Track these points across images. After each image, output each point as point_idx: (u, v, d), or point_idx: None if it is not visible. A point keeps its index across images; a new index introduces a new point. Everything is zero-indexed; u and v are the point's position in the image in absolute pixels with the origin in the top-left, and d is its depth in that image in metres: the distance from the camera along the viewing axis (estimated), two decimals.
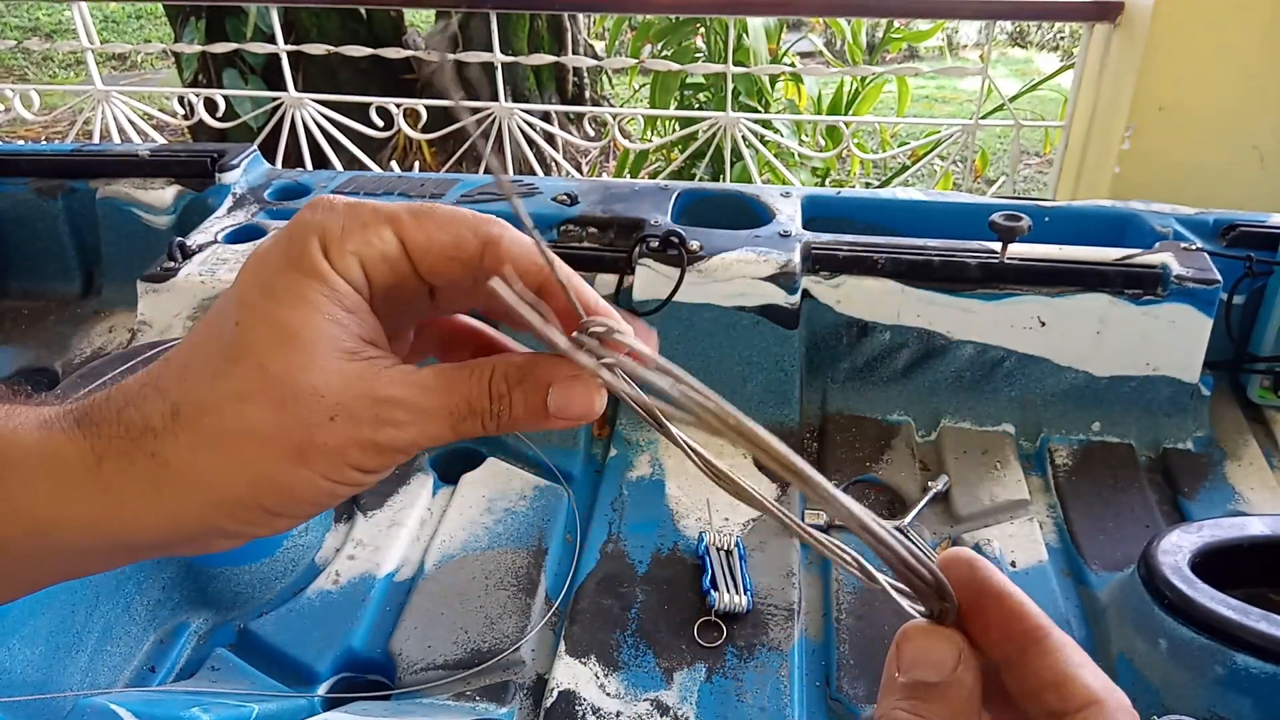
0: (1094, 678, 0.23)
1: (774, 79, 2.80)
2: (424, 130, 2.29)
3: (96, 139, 2.14)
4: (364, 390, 0.23)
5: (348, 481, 0.24)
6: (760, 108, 2.82)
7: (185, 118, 2.21)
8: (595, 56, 3.68)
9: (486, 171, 2.15)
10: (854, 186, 3.38)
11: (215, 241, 1.12)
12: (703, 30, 2.85)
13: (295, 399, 0.23)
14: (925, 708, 0.23)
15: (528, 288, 0.25)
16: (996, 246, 1.03)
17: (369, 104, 2.06)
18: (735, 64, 1.88)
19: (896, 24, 3.33)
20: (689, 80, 2.71)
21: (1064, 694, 0.23)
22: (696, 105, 2.94)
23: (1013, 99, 1.99)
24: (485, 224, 0.25)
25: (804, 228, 1.14)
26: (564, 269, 0.26)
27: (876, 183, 3.46)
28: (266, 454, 0.23)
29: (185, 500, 0.23)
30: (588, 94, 3.82)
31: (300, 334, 0.23)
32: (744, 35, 2.62)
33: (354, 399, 0.23)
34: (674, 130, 2.34)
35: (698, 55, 2.89)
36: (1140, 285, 1.01)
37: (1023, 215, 0.99)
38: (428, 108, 2.16)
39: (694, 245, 1.06)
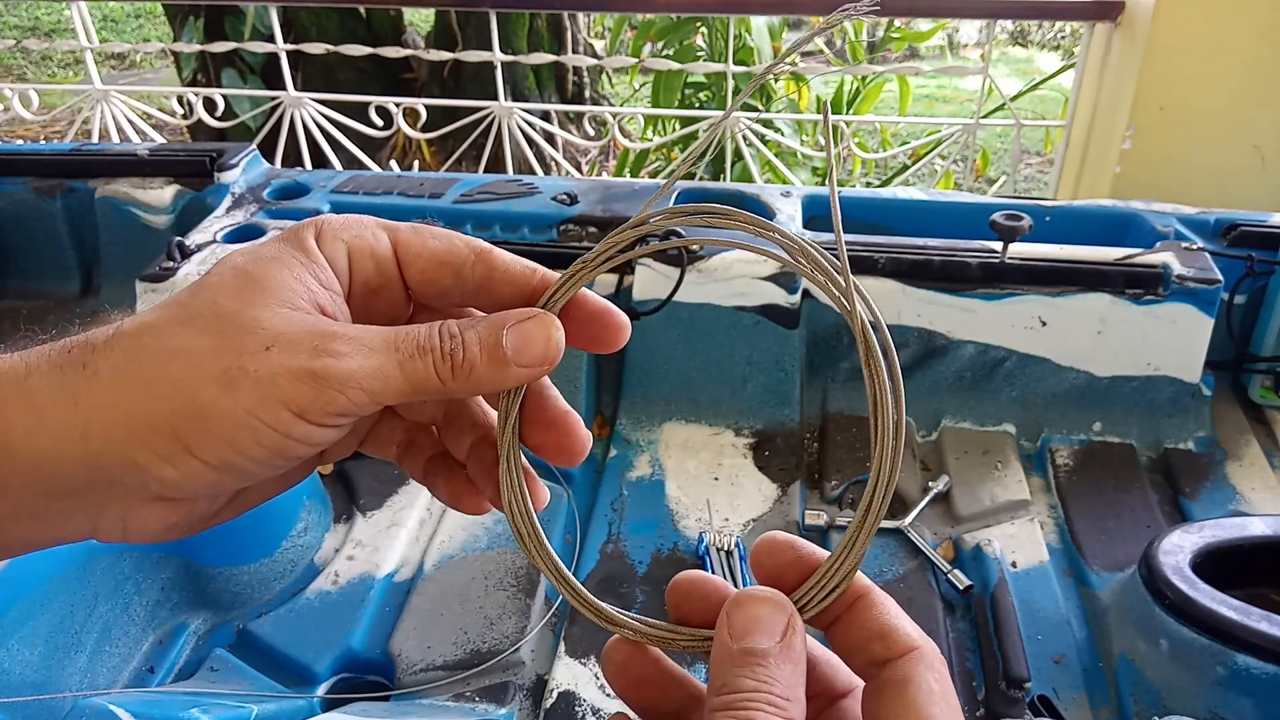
0: (913, 627, 0.25)
1: (775, 78, 2.80)
2: (423, 129, 2.29)
3: (95, 138, 2.14)
4: (306, 327, 0.23)
5: (277, 425, 0.22)
6: (761, 107, 2.82)
7: (184, 117, 2.21)
8: (595, 56, 3.68)
9: (486, 170, 2.15)
10: (855, 186, 3.38)
11: (214, 241, 1.12)
12: (703, 29, 2.85)
13: (236, 327, 0.22)
14: (765, 673, 0.22)
15: (521, 295, 0.26)
16: (997, 246, 1.03)
17: (368, 103, 2.06)
18: (736, 63, 1.88)
19: (897, 23, 3.33)
20: (690, 79, 2.71)
21: (889, 643, 0.24)
22: (697, 104, 2.93)
23: (1014, 98, 1.99)
24: (477, 240, 0.26)
25: (804, 227, 1.14)
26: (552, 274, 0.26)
27: (877, 182, 3.46)
28: (193, 373, 0.22)
29: (103, 415, 0.22)
30: (588, 93, 3.82)
31: (261, 281, 0.23)
32: (746, 34, 2.62)
33: (295, 332, 0.23)
34: (674, 129, 2.34)
35: (699, 54, 2.89)
36: (1141, 285, 1.01)
37: (1024, 215, 0.99)
38: (427, 107, 2.16)
39: (694, 245, 1.06)
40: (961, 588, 0.85)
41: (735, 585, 0.89)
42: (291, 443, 0.23)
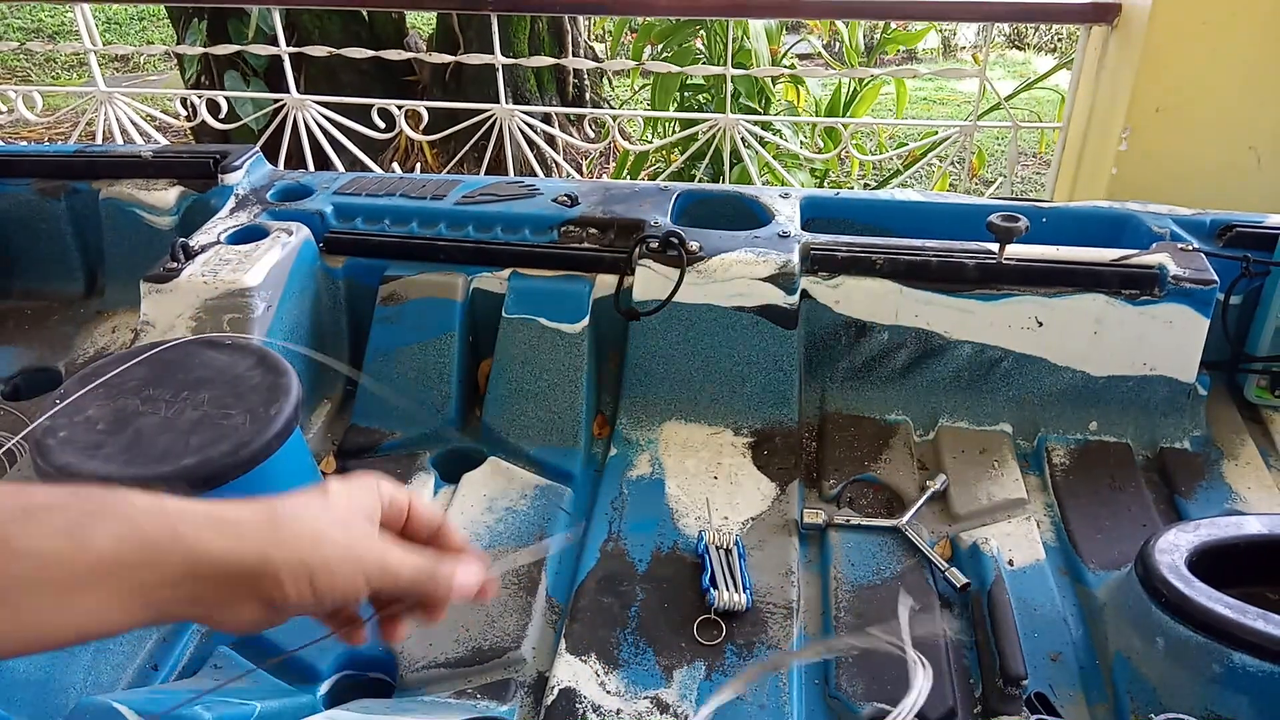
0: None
1: (774, 80, 2.80)
2: (425, 131, 2.30)
3: (99, 140, 2.15)
4: (381, 542, 0.44)
5: (356, 585, 0.42)
6: (760, 109, 2.83)
7: (188, 119, 2.22)
8: (595, 59, 3.69)
9: (488, 172, 2.15)
10: (852, 188, 3.39)
11: (218, 242, 1.12)
12: (703, 33, 2.86)
13: (352, 529, 0.43)
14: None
15: (424, 533, 0.48)
16: (994, 247, 1.04)
17: (371, 105, 2.07)
18: (735, 66, 1.89)
19: (892, 26, 3.34)
20: (689, 82, 2.72)
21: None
22: (696, 107, 2.94)
23: (1008, 98, 1.99)
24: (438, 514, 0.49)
25: (803, 228, 1.15)
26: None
27: (875, 184, 3.47)
28: (329, 546, 0.41)
29: (276, 549, 0.39)
30: (588, 96, 3.83)
31: (368, 508, 0.45)
32: (745, 37, 2.63)
33: (374, 543, 0.44)
34: (674, 132, 2.34)
35: (698, 57, 2.90)
36: (1137, 285, 1.02)
37: (1020, 216, 1.00)
38: (429, 109, 2.17)
39: (694, 246, 1.07)
40: (959, 585, 0.86)
41: (735, 584, 0.90)
42: (357, 595, 0.42)
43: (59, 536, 0.35)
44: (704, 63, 2.75)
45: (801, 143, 2.86)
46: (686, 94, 2.90)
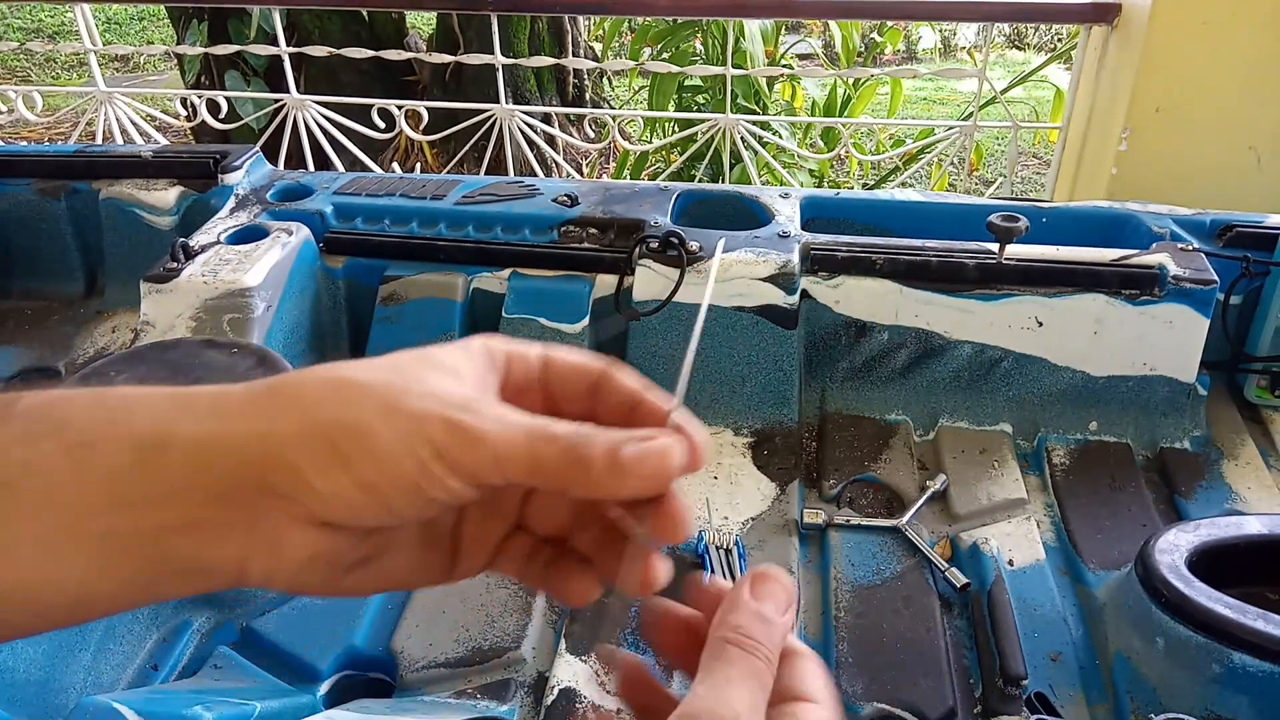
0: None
1: (772, 81, 2.81)
2: (425, 132, 2.29)
3: (99, 140, 2.15)
4: (462, 391, 0.27)
5: (419, 457, 0.25)
6: (758, 109, 2.83)
7: (188, 119, 2.22)
8: (595, 59, 3.69)
9: (488, 172, 2.15)
10: (852, 188, 3.39)
11: (218, 242, 1.12)
12: (699, 34, 2.87)
13: (406, 377, 0.26)
14: (768, 634, 0.27)
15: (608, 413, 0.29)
16: (994, 247, 1.04)
17: (371, 105, 2.07)
18: (733, 66, 1.89)
19: (889, 25, 3.34)
20: (687, 82, 2.72)
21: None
22: (695, 107, 2.95)
23: (1003, 91, 2.00)
24: (605, 362, 0.30)
25: (803, 228, 1.15)
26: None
27: (874, 184, 3.47)
28: (361, 398, 0.25)
29: (276, 422, 0.25)
30: (588, 96, 3.83)
31: (435, 357, 0.27)
32: (741, 39, 2.63)
33: (451, 392, 0.26)
34: (674, 132, 2.35)
35: (695, 58, 2.90)
36: (1137, 285, 1.02)
37: (1020, 216, 1.00)
38: (429, 109, 2.17)
39: (693, 246, 1.07)
40: (959, 586, 0.86)
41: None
42: (428, 478, 0.25)
43: None
44: (701, 64, 2.76)
45: (800, 143, 2.86)
46: (685, 95, 2.90)
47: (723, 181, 2.05)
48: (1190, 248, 1.06)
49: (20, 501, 0.24)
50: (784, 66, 2.76)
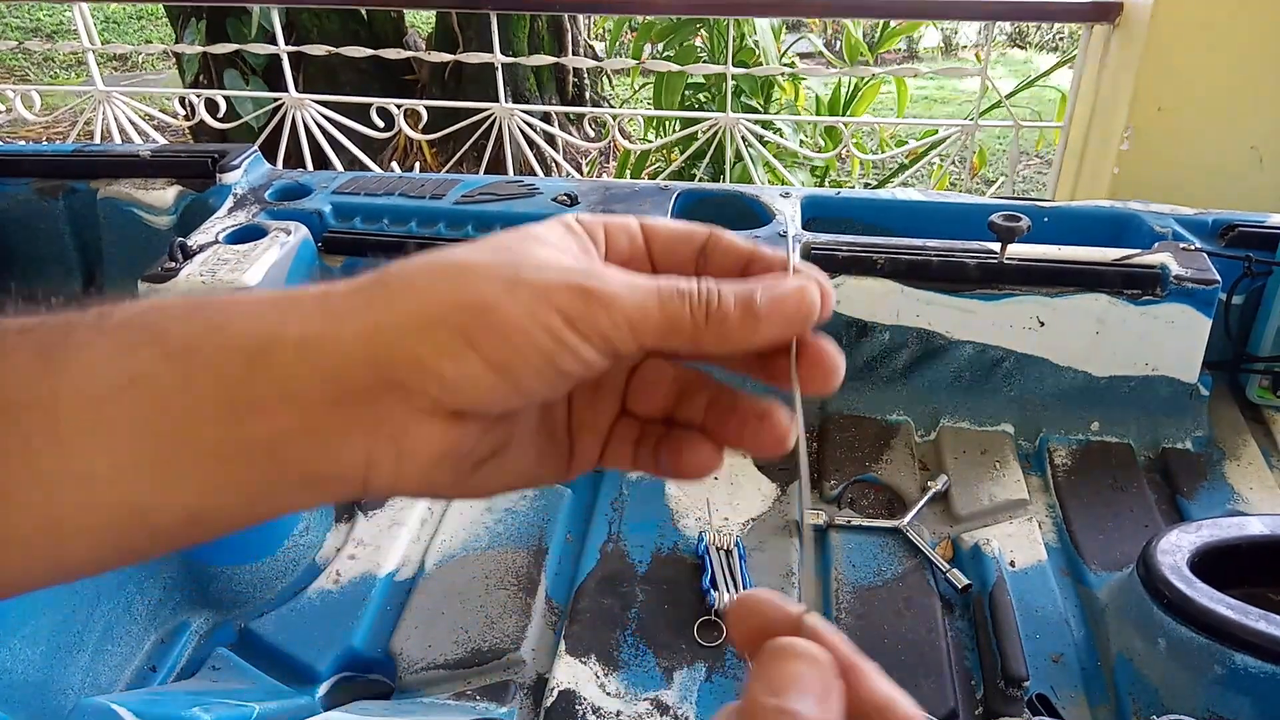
0: (908, 699, 0.24)
1: (772, 80, 2.81)
2: (424, 131, 2.29)
3: (98, 139, 2.14)
4: (580, 262, 0.26)
5: (550, 328, 0.24)
6: (761, 107, 2.83)
7: (186, 118, 2.21)
8: (595, 57, 3.68)
9: (487, 171, 2.15)
10: (853, 187, 3.38)
11: (216, 242, 1.12)
12: (703, 31, 2.86)
13: (518, 253, 0.25)
14: None
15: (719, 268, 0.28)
16: (996, 247, 1.04)
17: (370, 104, 2.07)
18: (738, 64, 1.89)
19: (893, 23, 3.33)
20: (690, 80, 2.72)
21: (889, 715, 0.23)
22: (697, 105, 2.94)
23: (1009, 96, 1.99)
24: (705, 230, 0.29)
25: (803, 228, 1.14)
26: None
27: (875, 183, 3.47)
28: (478, 279, 0.24)
29: (391, 314, 0.24)
30: (588, 94, 3.83)
31: (538, 234, 0.26)
32: (749, 35, 2.63)
33: (569, 263, 0.25)
34: (674, 131, 2.34)
35: (699, 56, 2.90)
36: (1139, 285, 1.02)
37: (1022, 216, 0.99)
38: (428, 108, 2.16)
39: None
40: (960, 587, 0.86)
41: (736, 586, 0.89)
42: (562, 351, 0.24)
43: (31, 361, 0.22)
44: (705, 61, 2.75)
45: (802, 141, 2.86)
46: (687, 92, 2.90)
47: (723, 180, 2.05)
48: (1192, 247, 1.05)
49: (127, 415, 0.22)
50: (785, 65, 2.75)
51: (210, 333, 0.23)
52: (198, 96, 2.12)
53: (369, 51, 2.03)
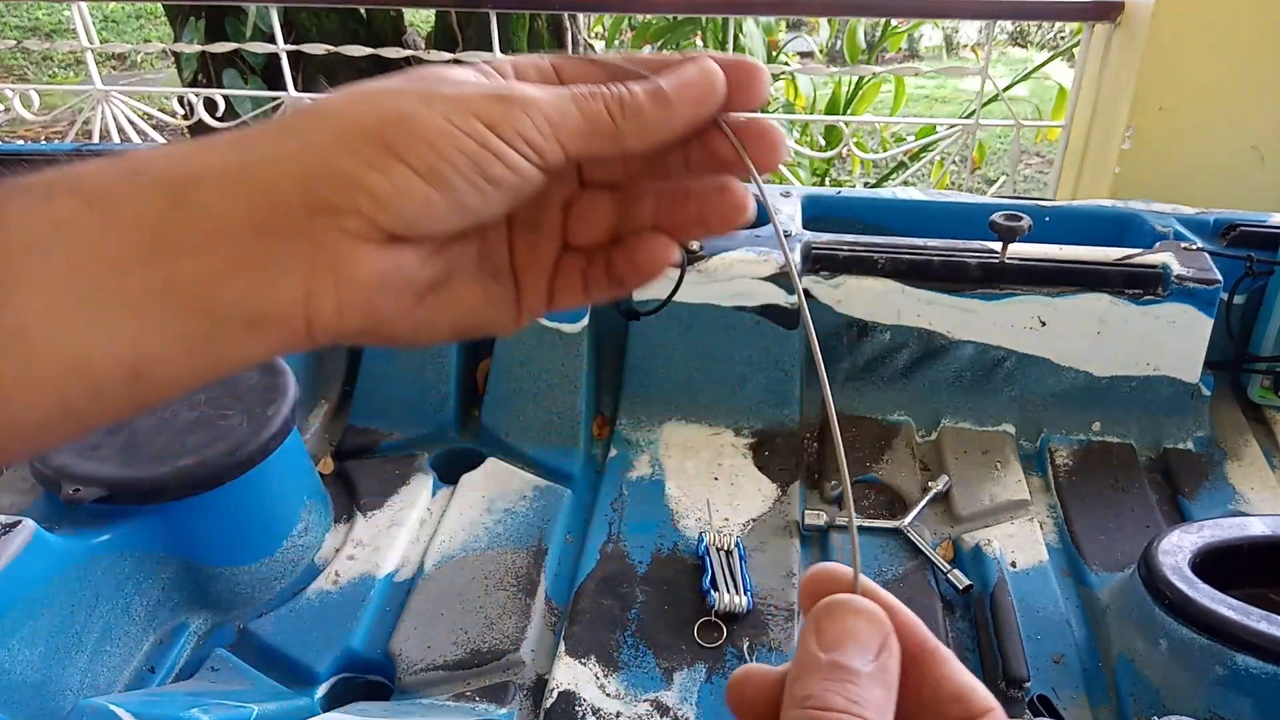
0: (985, 688, 0.23)
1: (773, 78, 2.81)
2: None
3: (96, 139, 2.14)
4: (489, 81, 0.26)
5: (473, 133, 0.24)
6: (760, 107, 2.83)
7: (185, 117, 2.21)
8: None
9: None
10: (853, 186, 3.38)
11: None
12: (699, 31, 2.86)
13: (427, 78, 0.25)
14: (856, 693, 0.20)
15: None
16: (997, 246, 1.03)
17: None
18: None
19: (893, 23, 3.33)
20: None
21: (967, 704, 0.22)
22: None
23: (1006, 89, 1.99)
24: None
25: (804, 227, 1.14)
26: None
27: (876, 182, 3.46)
28: (394, 96, 0.24)
29: (313, 134, 0.23)
30: None
31: (445, 69, 0.26)
32: (740, 35, 2.62)
33: (480, 82, 0.25)
34: None
35: None
36: (1141, 285, 1.01)
37: (1023, 215, 0.99)
38: None
39: (694, 245, 1.06)
40: (961, 587, 0.86)
41: (736, 586, 0.89)
42: (488, 157, 0.24)
43: None
44: None
45: (797, 139, 2.85)
46: None
47: None
48: (1194, 247, 1.05)
49: (52, 264, 0.22)
50: (783, 64, 2.75)
51: (128, 177, 0.23)
52: (196, 96, 2.11)
53: (368, 50, 2.02)
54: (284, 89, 2.10)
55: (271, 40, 2.05)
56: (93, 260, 0.22)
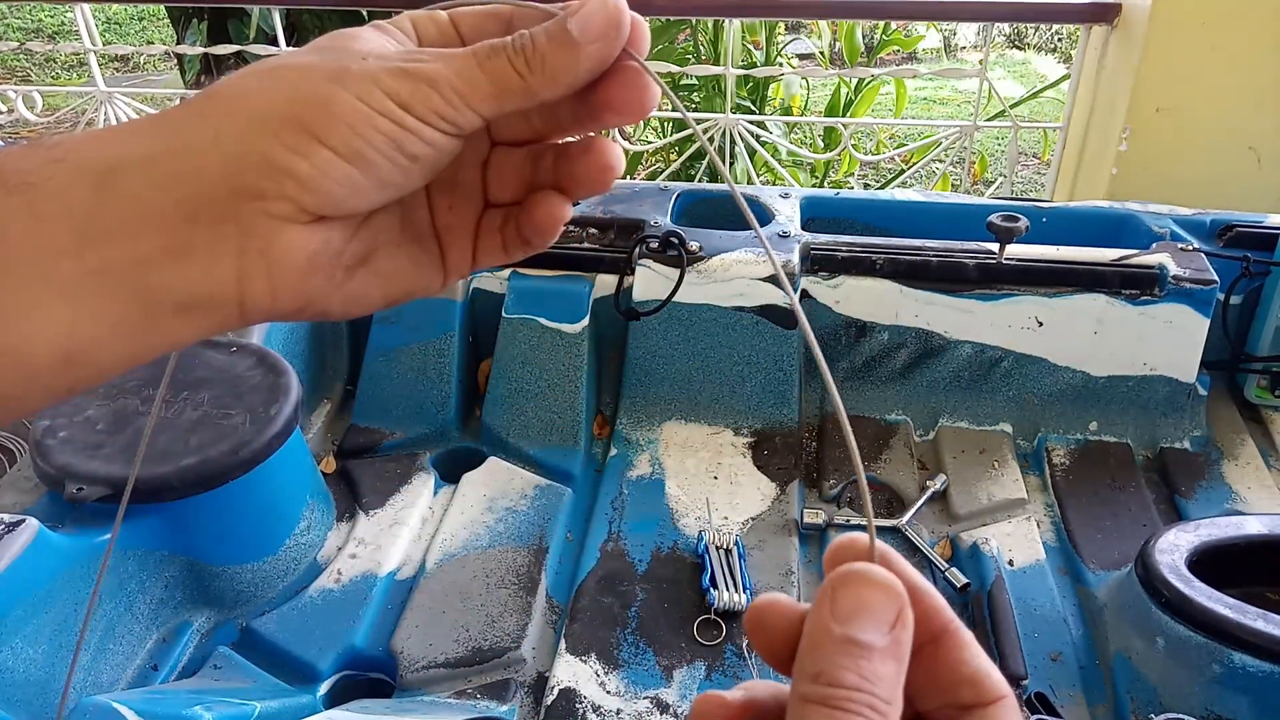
0: (998, 672, 0.23)
1: (767, 81, 2.81)
2: None
3: None
4: (396, 48, 0.26)
5: (387, 112, 0.24)
6: (754, 107, 2.83)
7: None
8: None
9: None
10: (852, 188, 3.39)
11: None
12: (687, 30, 2.86)
13: (335, 50, 0.25)
14: (869, 669, 0.20)
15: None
16: (994, 247, 1.04)
17: None
18: (720, 65, 1.88)
19: (893, 27, 3.34)
20: (682, 81, 2.72)
21: (980, 689, 0.22)
22: (691, 106, 2.95)
23: (1014, 105, 2.00)
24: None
25: (803, 228, 1.14)
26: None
27: (875, 184, 3.47)
28: (305, 76, 0.24)
29: (229, 120, 0.24)
30: None
31: (347, 34, 0.26)
32: (721, 39, 2.63)
33: (387, 50, 0.26)
34: (673, 132, 2.34)
35: (689, 57, 2.90)
36: (1137, 286, 1.02)
37: (1020, 216, 1.00)
38: None
39: (694, 246, 1.07)
40: (959, 586, 0.86)
41: (735, 585, 0.89)
42: (405, 135, 0.24)
43: None
44: (692, 63, 2.76)
45: (800, 143, 2.86)
46: (680, 94, 2.91)
47: (722, 181, 2.05)
48: (1190, 248, 1.06)
49: None
50: (779, 65, 2.76)
51: (49, 165, 0.23)
52: None
53: None
54: None
55: (274, 42, 2.06)
56: (20, 252, 0.22)
